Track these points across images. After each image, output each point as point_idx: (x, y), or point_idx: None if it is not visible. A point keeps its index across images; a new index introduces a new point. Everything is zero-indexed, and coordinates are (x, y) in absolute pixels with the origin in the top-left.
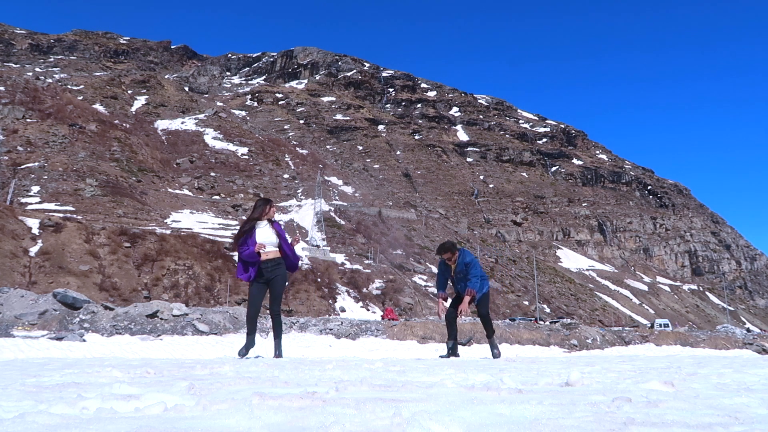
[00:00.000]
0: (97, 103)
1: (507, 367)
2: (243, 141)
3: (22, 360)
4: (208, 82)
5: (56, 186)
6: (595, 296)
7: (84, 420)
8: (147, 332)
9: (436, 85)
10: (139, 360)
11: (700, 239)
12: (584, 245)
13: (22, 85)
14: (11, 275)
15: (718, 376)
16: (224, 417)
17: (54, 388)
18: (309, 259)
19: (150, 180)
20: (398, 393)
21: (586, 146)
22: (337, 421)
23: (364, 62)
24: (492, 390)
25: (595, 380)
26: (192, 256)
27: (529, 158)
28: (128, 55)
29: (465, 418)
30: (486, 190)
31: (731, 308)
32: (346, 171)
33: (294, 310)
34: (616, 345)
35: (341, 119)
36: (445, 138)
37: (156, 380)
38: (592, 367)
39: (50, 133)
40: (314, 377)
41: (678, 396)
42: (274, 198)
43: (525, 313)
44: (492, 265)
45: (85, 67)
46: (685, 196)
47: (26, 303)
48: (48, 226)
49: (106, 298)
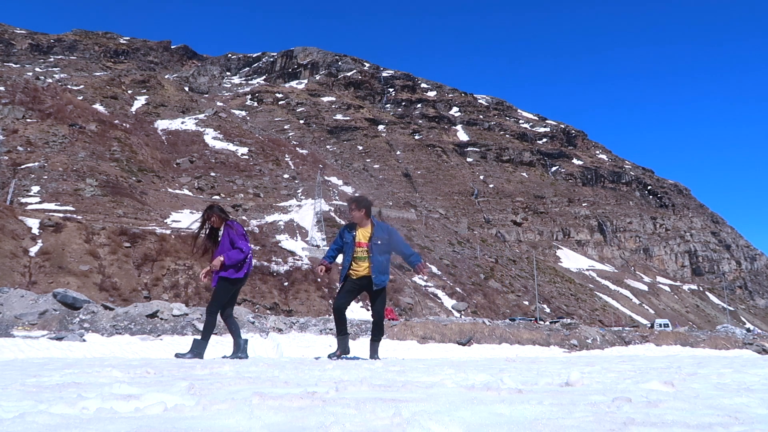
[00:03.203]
0: (97, 103)
1: (507, 367)
2: (243, 141)
3: (22, 360)
4: (208, 82)
5: (56, 186)
6: (595, 296)
7: (84, 420)
8: (147, 332)
9: (436, 85)
10: (139, 360)
11: (700, 239)
12: (584, 245)
13: (22, 85)
14: (11, 275)
15: (718, 376)
16: (224, 417)
17: (54, 388)
18: (309, 259)
19: (150, 180)
20: (398, 393)
21: (586, 146)
22: (337, 421)
23: (364, 62)
24: (492, 390)
25: (595, 380)
26: (192, 256)
27: (529, 158)
28: (128, 55)
29: (465, 418)
30: (486, 190)
31: (731, 308)
32: (346, 171)
33: (294, 310)
34: (616, 345)
35: (341, 119)
36: (445, 138)
37: (156, 380)
38: (592, 367)
39: (50, 133)
40: (314, 377)
41: (678, 396)
42: (274, 198)
43: (525, 313)
44: (492, 265)
45: (85, 67)
46: (685, 196)
47: (26, 303)
48: (48, 226)
49: (106, 298)
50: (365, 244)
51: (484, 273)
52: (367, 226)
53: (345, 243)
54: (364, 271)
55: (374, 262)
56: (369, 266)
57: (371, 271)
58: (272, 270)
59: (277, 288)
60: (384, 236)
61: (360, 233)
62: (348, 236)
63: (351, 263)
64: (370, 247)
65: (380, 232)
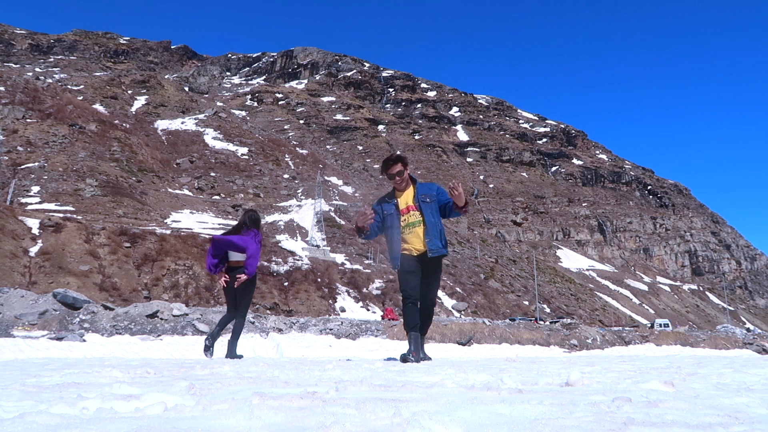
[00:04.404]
0: (97, 103)
1: (507, 367)
2: (243, 141)
3: (22, 360)
4: (208, 82)
5: (56, 186)
6: (595, 296)
7: (84, 420)
8: (147, 332)
9: (436, 85)
10: (139, 360)
11: (700, 239)
12: (584, 245)
13: (22, 85)
14: (11, 275)
15: (718, 376)
16: (224, 417)
17: (54, 388)
18: (309, 259)
19: (150, 180)
20: (398, 393)
21: (586, 146)
22: (337, 421)
23: (364, 62)
24: (492, 390)
25: (595, 380)
26: (192, 256)
27: (529, 158)
28: (128, 55)
29: (465, 418)
30: (486, 190)
31: (731, 308)
32: (346, 171)
33: (294, 310)
34: (616, 345)
35: (341, 119)
36: (445, 138)
37: (156, 380)
38: (592, 367)
39: (50, 133)
40: (314, 377)
41: (678, 396)
42: (274, 198)
43: (525, 313)
44: (492, 265)
45: (85, 67)
46: (685, 196)
47: (26, 303)
48: (48, 226)
49: (106, 298)
50: (413, 207)
51: (484, 273)
52: (408, 189)
53: (387, 215)
54: (421, 243)
55: (428, 224)
56: (425, 231)
57: (425, 235)
58: (272, 270)
59: (277, 288)
60: (431, 193)
61: (402, 199)
62: (388, 206)
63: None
64: (419, 207)
65: (425, 189)
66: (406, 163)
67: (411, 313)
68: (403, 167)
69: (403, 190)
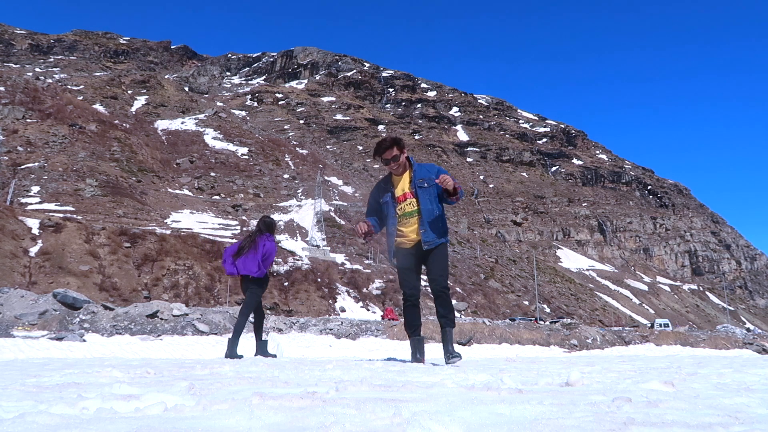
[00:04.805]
0: (97, 103)
1: (507, 367)
2: (243, 141)
3: (22, 360)
4: (208, 82)
5: (56, 186)
6: (595, 296)
7: (84, 420)
8: (147, 332)
9: (436, 85)
10: (139, 360)
11: (700, 239)
12: (584, 245)
13: (22, 85)
14: (11, 275)
15: (718, 376)
16: (224, 417)
17: (54, 388)
18: (309, 259)
19: (150, 180)
20: (398, 393)
21: (586, 146)
22: (337, 421)
23: (364, 62)
24: (492, 390)
25: (595, 380)
26: (192, 256)
27: (529, 158)
28: (128, 55)
29: (465, 418)
30: (486, 190)
31: (731, 308)
32: (346, 171)
33: (294, 310)
34: (616, 345)
35: (341, 119)
36: (445, 138)
37: (156, 380)
38: (592, 367)
39: (50, 133)
40: (314, 377)
41: (678, 396)
42: (274, 198)
43: (525, 313)
44: (492, 265)
45: (85, 67)
46: (685, 196)
47: (26, 303)
48: (48, 227)
49: (106, 298)
50: (410, 194)
51: (484, 273)
52: (404, 173)
53: (383, 203)
54: (416, 233)
55: (423, 212)
56: (419, 220)
57: (419, 225)
58: (272, 270)
59: (277, 288)
60: (430, 176)
61: (399, 185)
62: (385, 195)
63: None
64: (416, 193)
65: (423, 172)
66: (402, 146)
67: (411, 314)
68: (399, 151)
69: (401, 175)
